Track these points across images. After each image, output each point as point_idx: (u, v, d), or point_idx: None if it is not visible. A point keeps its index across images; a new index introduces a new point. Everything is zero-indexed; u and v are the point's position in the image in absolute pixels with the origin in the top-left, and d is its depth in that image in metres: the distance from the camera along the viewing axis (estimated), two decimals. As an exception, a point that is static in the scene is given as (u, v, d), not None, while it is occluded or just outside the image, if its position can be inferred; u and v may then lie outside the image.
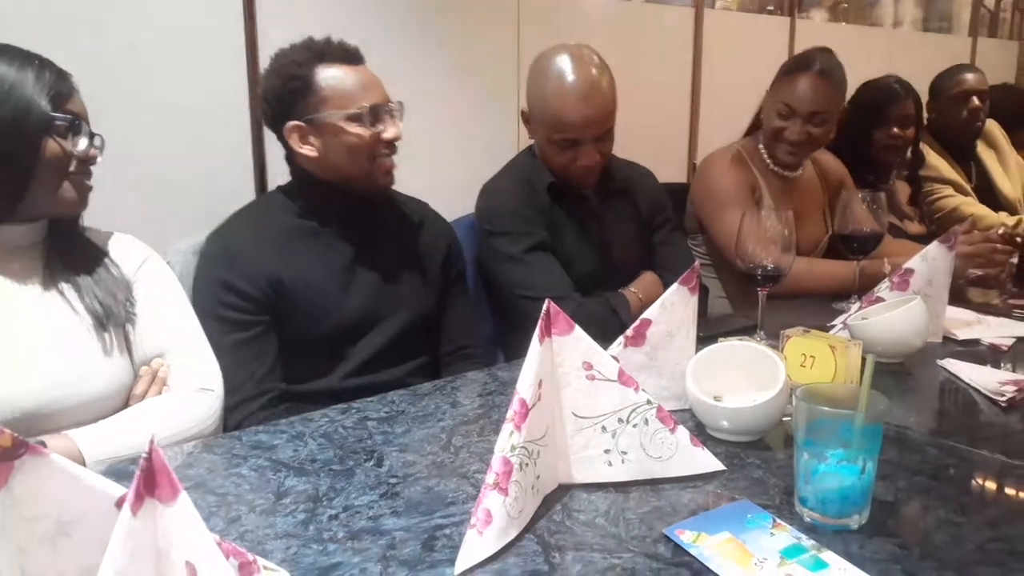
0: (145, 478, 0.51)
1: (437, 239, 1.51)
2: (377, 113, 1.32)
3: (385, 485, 0.86)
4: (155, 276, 1.19)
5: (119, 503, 0.57)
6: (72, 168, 1.07)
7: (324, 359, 1.35)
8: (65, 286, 1.10)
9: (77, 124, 1.07)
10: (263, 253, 1.31)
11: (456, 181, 1.94)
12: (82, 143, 1.08)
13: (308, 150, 1.33)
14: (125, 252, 1.19)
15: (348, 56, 1.34)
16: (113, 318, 1.11)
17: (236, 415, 1.25)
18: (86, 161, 1.09)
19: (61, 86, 1.06)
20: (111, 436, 1.01)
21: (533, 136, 1.66)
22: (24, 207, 1.05)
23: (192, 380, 1.13)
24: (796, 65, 1.82)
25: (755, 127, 1.95)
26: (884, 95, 2.28)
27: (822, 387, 0.81)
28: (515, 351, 1.76)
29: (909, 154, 2.42)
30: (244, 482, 0.87)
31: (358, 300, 1.36)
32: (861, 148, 2.24)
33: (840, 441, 0.75)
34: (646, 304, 1.55)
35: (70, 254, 1.12)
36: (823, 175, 2.03)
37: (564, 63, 1.54)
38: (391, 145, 1.35)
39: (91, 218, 1.18)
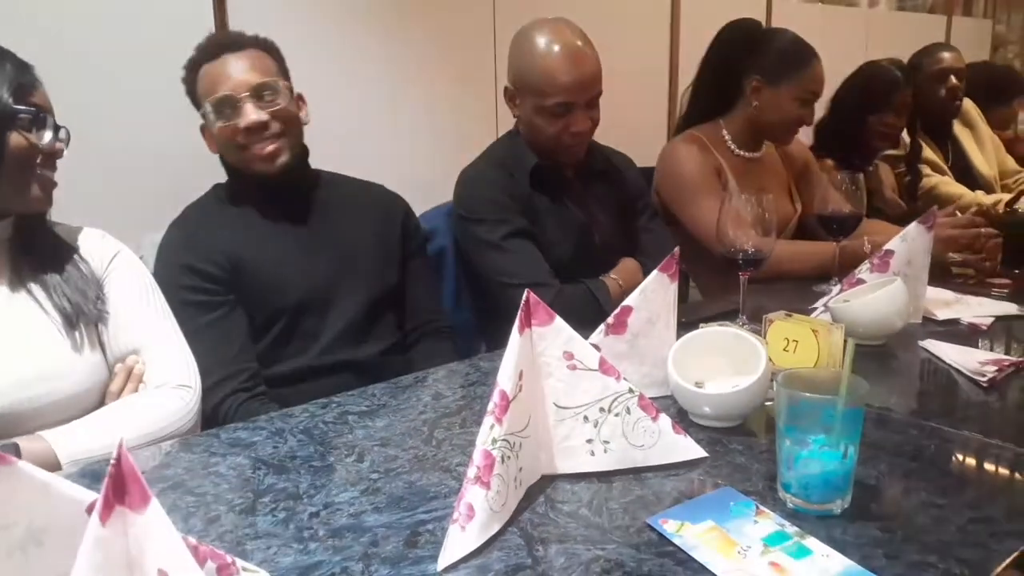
0: (114, 485, 0.49)
1: (390, 215, 1.54)
2: (226, 105, 1.34)
3: (367, 481, 0.85)
4: (127, 271, 1.17)
5: (89, 509, 0.56)
6: (38, 162, 1.04)
7: (294, 339, 1.38)
8: (33, 285, 1.08)
9: (42, 117, 1.04)
10: (220, 235, 1.36)
11: (433, 168, 1.93)
12: (47, 136, 1.05)
13: (209, 143, 1.40)
14: (95, 247, 1.17)
15: (217, 49, 1.37)
16: (83, 316, 1.09)
17: (215, 395, 1.26)
18: (52, 155, 1.06)
19: (24, 78, 1.03)
20: (85, 436, 0.99)
21: (519, 113, 1.64)
22: None
23: (168, 376, 1.12)
24: (804, 53, 1.82)
25: (717, 111, 1.93)
26: (887, 81, 2.26)
27: (803, 372, 0.81)
28: (496, 340, 1.74)
29: (906, 145, 2.44)
30: (223, 481, 0.85)
31: (317, 272, 1.39)
32: (853, 131, 2.25)
33: (822, 426, 0.75)
34: (626, 291, 1.54)
35: (37, 252, 1.10)
36: (785, 156, 2.03)
37: (549, 31, 1.56)
38: (252, 134, 1.34)
39: (59, 212, 1.16)
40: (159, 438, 1.03)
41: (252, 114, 1.33)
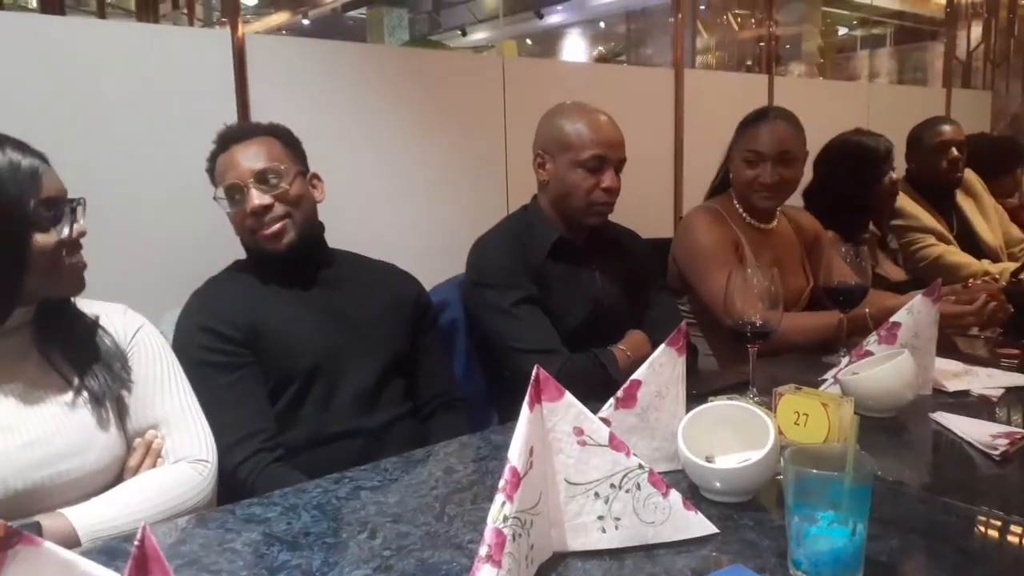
0: (137, 566, 0.51)
1: (404, 290, 1.60)
2: (235, 192, 1.42)
3: (379, 558, 0.85)
4: (148, 346, 1.20)
5: (111, 590, 0.57)
6: (64, 255, 1.07)
7: (306, 405, 1.41)
8: (60, 362, 1.10)
9: (60, 213, 1.06)
10: (237, 300, 1.42)
11: (445, 242, 1.98)
12: (65, 231, 1.06)
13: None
14: (118, 322, 1.20)
15: (227, 140, 1.46)
16: (109, 391, 1.11)
17: (235, 455, 1.28)
18: (75, 242, 1.08)
19: (36, 175, 1.04)
20: (106, 513, 1.01)
21: (547, 177, 1.71)
22: (22, 297, 1.05)
23: (186, 451, 1.13)
24: (753, 116, 1.92)
25: (723, 185, 1.99)
26: (879, 149, 2.32)
27: (810, 448, 0.82)
28: (507, 410, 1.76)
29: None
30: (238, 558, 0.86)
31: (330, 339, 1.44)
32: (863, 202, 2.29)
33: (830, 502, 0.75)
34: (635, 362, 1.56)
35: (63, 330, 1.12)
36: (798, 229, 2.07)
37: (580, 104, 1.71)
38: (257, 217, 1.42)
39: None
40: (177, 512, 1.04)
41: (256, 199, 1.40)
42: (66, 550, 0.57)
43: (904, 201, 2.58)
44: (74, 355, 1.11)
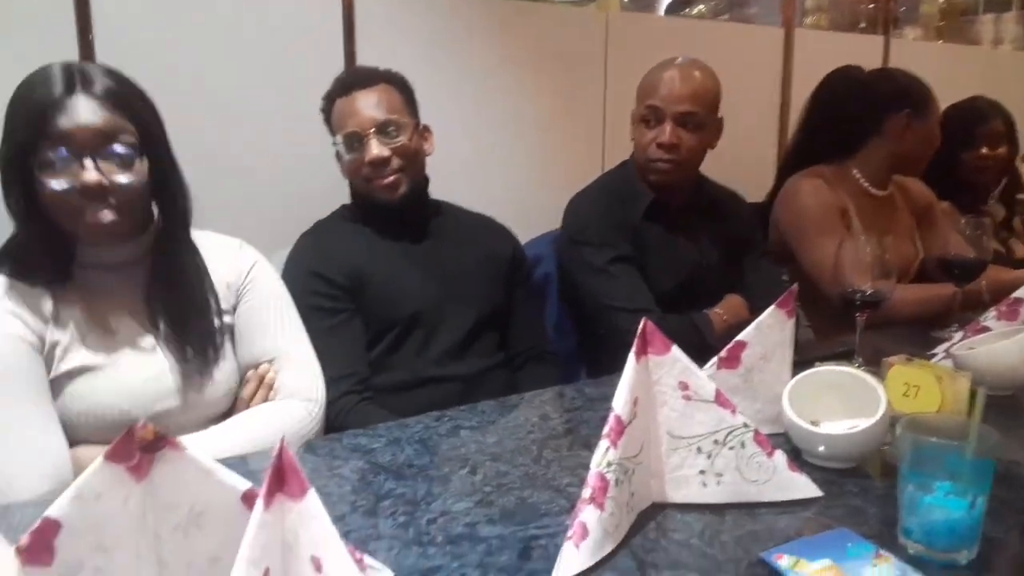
0: (276, 475, 0.54)
1: (501, 245, 1.62)
2: (354, 140, 1.44)
3: (480, 493, 0.88)
4: (264, 281, 1.24)
5: (245, 497, 0.61)
6: (78, 201, 1.00)
7: (404, 350, 1.45)
8: (177, 296, 1.13)
9: (66, 156, 0.98)
10: (345, 248, 1.46)
11: (540, 199, 1.97)
12: (93, 174, 0.99)
13: (342, 168, 1.51)
14: (234, 256, 1.24)
15: (348, 85, 1.47)
16: (222, 327, 1.15)
17: (328, 392, 1.30)
18: (89, 190, 1.00)
19: (53, 111, 0.97)
20: (220, 440, 1.06)
21: (633, 136, 1.69)
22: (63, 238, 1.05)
23: (298, 389, 1.17)
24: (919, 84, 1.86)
25: (844, 152, 1.90)
26: (970, 116, 2.23)
27: (928, 417, 0.80)
28: (596, 366, 1.77)
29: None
30: (346, 483, 0.90)
31: (430, 289, 1.47)
32: (951, 171, 2.18)
33: (948, 473, 0.73)
34: (731, 326, 1.54)
35: (175, 268, 1.13)
36: (908, 198, 1.99)
37: (673, 58, 1.66)
38: (374, 168, 1.43)
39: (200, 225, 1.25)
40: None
41: (375, 150, 1.42)
42: (206, 457, 0.61)
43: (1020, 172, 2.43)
44: (190, 290, 1.14)
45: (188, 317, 1.12)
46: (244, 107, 1.73)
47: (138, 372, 1.07)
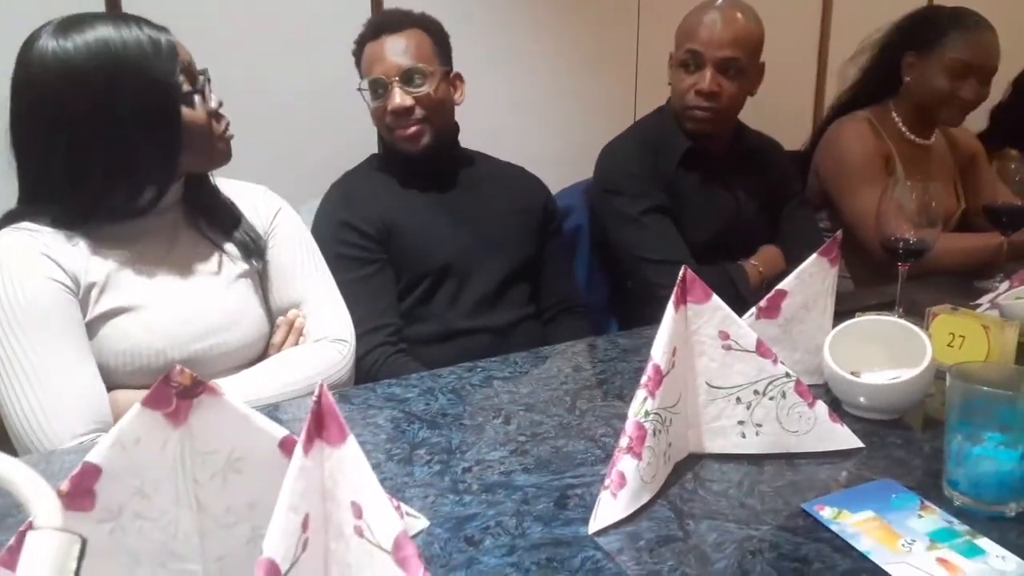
0: (315, 420, 0.53)
1: (533, 195, 1.59)
2: (379, 86, 1.41)
3: (515, 443, 0.87)
4: (289, 227, 1.24)
5: (283, 444, 0.61)
6: (215, 124, 1.09)
7: (435, 301, 1.45)
8: (210, 234, 1.15)
9: (201, 85, 1.06)
10: (375, 198, 1.44)
11: (571, 147, 1.93)
12: (212, 100, 1.08)
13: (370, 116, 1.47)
14: (259, 201, 1.24)
15: (379, 28, 1.43)
16: (255, 263, 1.16)
17: (362, 345, 1.32)
18: (218, 112, 1.10)
19: (174, 49, 1.03)
20: (254, 383, 1.07)
21: (671, 80, 1.63)
22: (177, 172, 1.08)
23: (327, 331, 1.18)
24: (961, 21, 1.68)
25: (881, 93, 1.83)
26: None
27: (977, 366, 0.77)
28: (628, 318, 1.75)
29: None
30: (381, 432, 0.90)
31: (461, 239, 1.45)
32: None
33: (998, 424, 0.71)
34: (767, 278, 1.50)
35: (209, 205, 1.16)
36: (953, 146, 1.90)
37: (709, 1, 1.57)
38: (397, 117, 1.40)
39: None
40: (316, 383, 1.09)
41: (398, 98, 1.40)
42: (243, 404, 0.61)
43: None
44: (220, 229, 1.16)
45: (231, 236, 1.16)
46: (270, 56, 1.70)
47: (174, 312, 1.08)
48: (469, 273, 1.46)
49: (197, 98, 1.06)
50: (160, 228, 1.11)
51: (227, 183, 1.21)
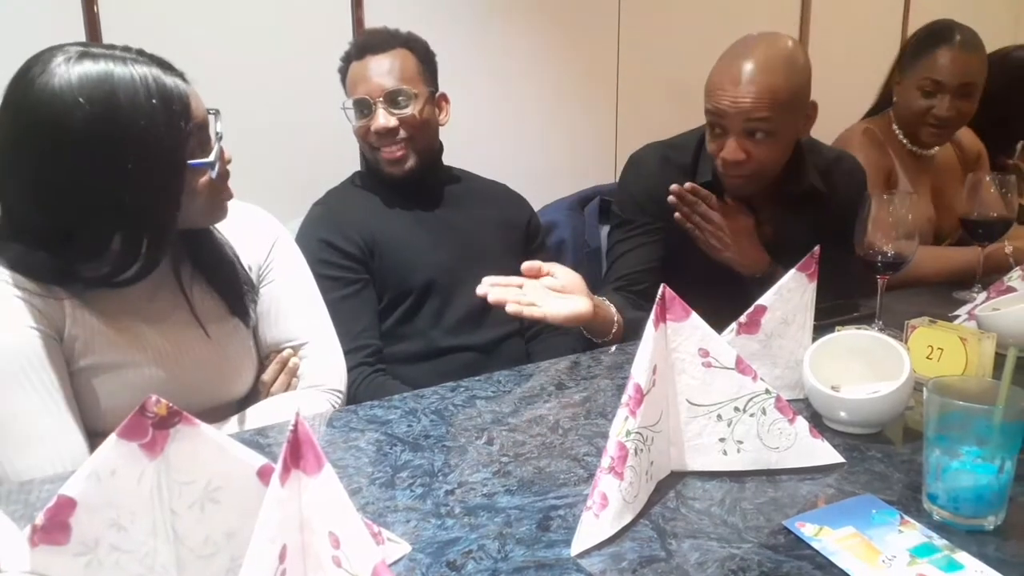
0: (291, 450, 0.53)
1: (517, 212, 1.59)
2: (363, 106, 1.41)
3: (498, 463, 0.87)
4: (287, 261, 1.19)
5: (260, 473, 0.60)
6: (215, 182, 1.00)
7: (418, 319, 1.44)
8: (205, 289, 1.08)
9: (207, 143, 0.99)
10: (357, 216, 1.43)
11: (554, 163, 1.95)
12: (217, 167, 0.99)
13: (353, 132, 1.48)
14: (256, 228, 1.18)
15: (364, 48, 1.43)
16: (253, 314, 1.11)
17: None
18: (224, 170, 1.02)
19: (185, 100, 0.95)
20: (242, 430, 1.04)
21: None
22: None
23: (323, 379, 1.15)
24: (935, 39, 1.70)
25: (880, 105, 1.85)
26: None
27: (954, 380, 0.78)
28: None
29: None
30: (363, 455, 0.90)
31: (443, 256, 1.45)
32: (1009, 123, 2.09)
33: (976, 438, 0.71)
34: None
35: (201, 253, 1.09)
36: (959, 148, 1.90)
37: (743, 40, 1.36)
38: (380, 137, 1.41)
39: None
40: None
41: (382, 119, 1.40)
42: (220, 433, 0.61)
43: None
44: (214, 277, 1.09)
45: (221, 271, 1.09)
46: (252, 76, 1.70)
47: (161, 370, 1.02)
48: (453, 291, 1.45)
49: (207, 166, 0.99)
50: (152, 279, 1.02)
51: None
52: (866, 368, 0.95)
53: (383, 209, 1.47)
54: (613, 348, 1.28)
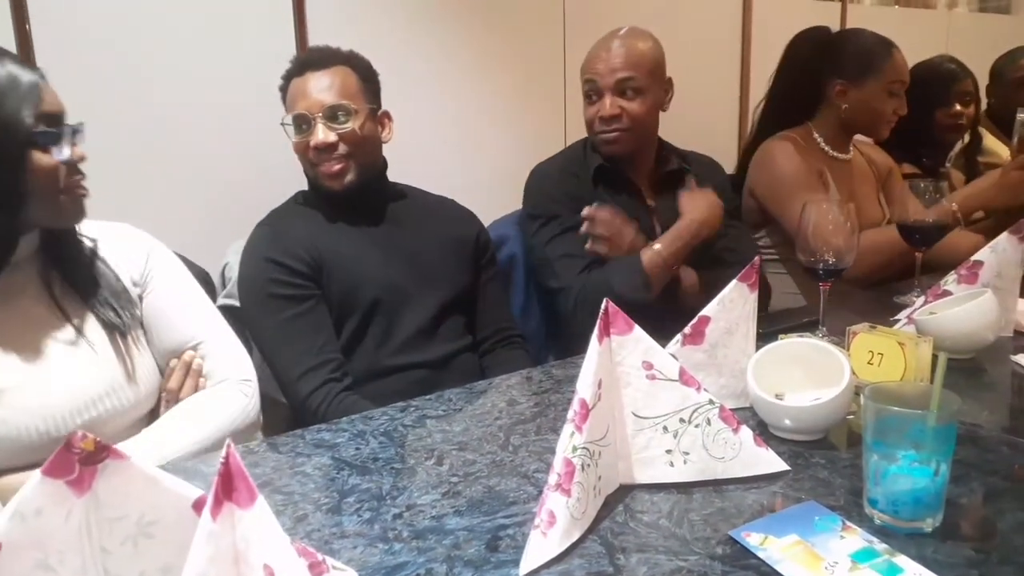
0: (223, 483, 0.52)
1: (465, 228, 1.60)
2: (302, 122, 1.40)
3: (447, 484, 0.86)
4: (165, 267, 1.18)
5: (195, 505, 0.59)
6: (64, 177, 1.00)
7: (367, 337, 1.42)
8: (70, 300, 1.05)
9: (59, 133, 0.99)
10: (302, 233, 1.42)
11: (503, 178, 1.94)
12: (65, 151, 0.99)
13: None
14: (130, 243, 1.17)
15: (304, 65, 1.44)
16: (132, 320, 1.09)
17: (305, 384, 1.30)
18: (75, 166, 1.01)
19: (35, 90, 0.96)
20: (165, 445, 1.02)
21: (584, 115, 1.68)
22: (22, 224, 1.00)
23: (230, 371, 1.13)
24: (883, 46, 1.87)
25: (801, 116, 1.92)
26: (943, 74, 2.27)
27: (890, 386, 0.79)
28: (565, 345, 1.75)
29: (967, 137, 2.38)
30: (309, 481, 0.88)
31: (392, 272, 1.44)
32: (922, 129, 2.20)
33: (911, 442, 0.73)
34: (667, 260, 1.50)
35: (68, 262, 1.07)
36: (871, 161, 2.02)
37: (612, 30, 1.64)
38: (319, 153, 1.40)
39: (147, 225, 1.21)
40: (227, 435, 1.04)
41: (321, 134, 1.38)
42: (151, 466, 0.59)
43: (985, 137, 2.45)
44: (84, 289, 1.06)
45: (96, 285, 1.07)
46: (194, 96, 1.67)
47: (49, 387, 0.99)
48: (401, 308, 1.44)
49: (54, 148, 0.98)
50: (13, 295, 1.01)
51: (93, 225, 1.12)
52: (809, 375, 0.97)
53: (327, 226, 1.45)
54: (562, 363, 1.28)
